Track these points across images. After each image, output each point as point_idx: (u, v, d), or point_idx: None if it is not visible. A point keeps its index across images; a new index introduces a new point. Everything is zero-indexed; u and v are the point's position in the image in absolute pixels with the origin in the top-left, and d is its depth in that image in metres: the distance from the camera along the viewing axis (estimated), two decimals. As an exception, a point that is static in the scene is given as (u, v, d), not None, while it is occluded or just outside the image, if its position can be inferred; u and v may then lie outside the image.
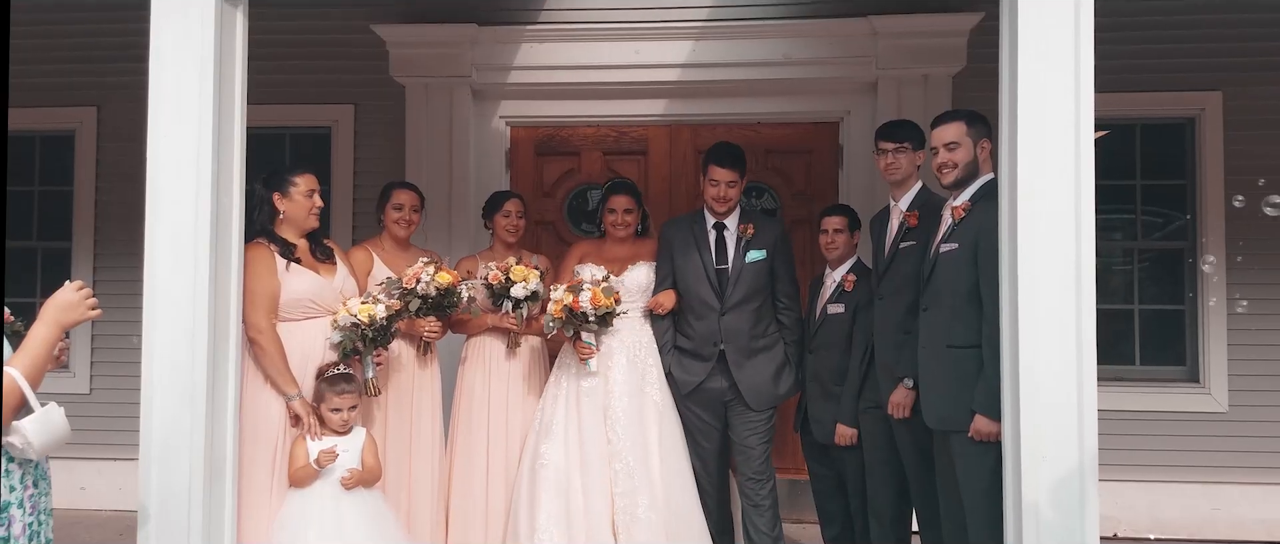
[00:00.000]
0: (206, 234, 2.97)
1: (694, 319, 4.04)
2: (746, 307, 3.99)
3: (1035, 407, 2.92)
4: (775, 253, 4.04)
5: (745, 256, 4.00)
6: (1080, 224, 2.91)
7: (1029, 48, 2.95)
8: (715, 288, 4.00)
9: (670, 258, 4.11)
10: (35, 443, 2.30)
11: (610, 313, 3.85)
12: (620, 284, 4.03)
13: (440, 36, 5.31)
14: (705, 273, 4.01)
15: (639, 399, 3.98)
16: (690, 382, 4.03)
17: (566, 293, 3.83)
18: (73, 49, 5.68)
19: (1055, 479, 2.94)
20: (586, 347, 3.90)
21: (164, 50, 3.03)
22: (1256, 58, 5.22)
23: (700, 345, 4.02)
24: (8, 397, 2.20)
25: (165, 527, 2.96)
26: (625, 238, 4.19)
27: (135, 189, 5.56)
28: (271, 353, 3.39)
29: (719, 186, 3.99)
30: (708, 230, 4.08)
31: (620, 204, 4.16)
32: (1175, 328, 5.41)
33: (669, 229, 4.19)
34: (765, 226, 4.11)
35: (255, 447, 3.34)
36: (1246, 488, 5.19)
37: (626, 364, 4.01)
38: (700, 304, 4.02)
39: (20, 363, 2.26)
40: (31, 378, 2.26)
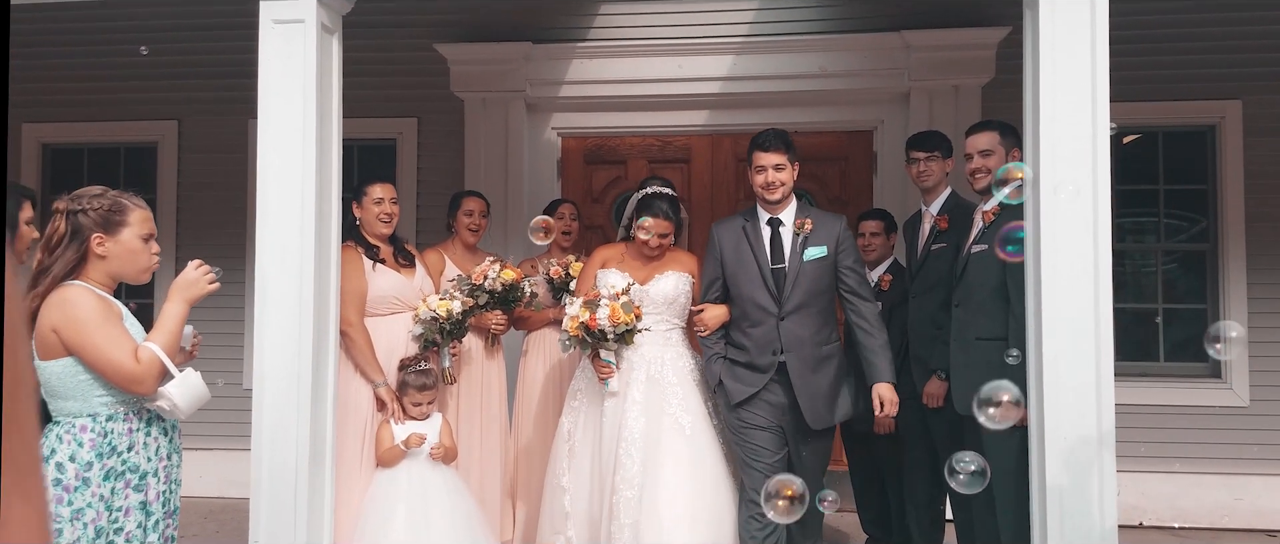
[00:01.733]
0: (310, 242, 3.34)
1: (749, 326, 3.61)
2: (808, 310, 3.57)
3: (1057, 392, 3.19)
4: (839, 249, 3.63)
5: (804, 254, 3.58)
6: (1098, 224, 3.18)
7: (1048, 61, 3.23)
8: (772, 290, 3.57)
9: (719, 261, 3.69)
10: (181, 404, 2.58)
11: (631, 329, 3.57)
12: (645, 294, 3.72)
13: (497, 54, 5.68)
14: (760, 274, 3.59)
15: (659, 422, 3.62)
16: (742, 391, 3.59)
17: (583, 308, 3.58)
18: (155, 67, 6.09)
19: (1075, 460, 3.21)
20: (605, 366, 3.65)
21: (271, 77, 3.39)
22: (1274, 68, 5.44)
23: (756, 355, 3.58)
24: (151, 367, 2.50)
25: (275, 503, 3.33)
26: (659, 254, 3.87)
27: (213, 197, 6.06)
28: (361, 345, 3.76)
29: (766, 171, 3.60)
30: (762, 227, 3.66)
31: (655, 230, 3.78)
32: (1198, 326, 5.64)
33: (719, 229, 3.76)
34: (825, 222, 3.68)
35: (345, 430, 3.71)
36: (1267, 479, 5.40)
37: (646, 381, 3.68)
38: (756, 309, 3.59)
39: (158, 339, 2.56)
40: (168, 350, 2.56)
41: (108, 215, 2.58)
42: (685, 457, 3.59)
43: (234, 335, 5.83)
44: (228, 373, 5.55)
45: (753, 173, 3.66)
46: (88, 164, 6.40)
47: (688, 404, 3.67)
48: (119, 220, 2.59)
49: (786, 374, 3.55)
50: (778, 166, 3.61)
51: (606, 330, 3.54)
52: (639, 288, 3.70)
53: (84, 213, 2.56)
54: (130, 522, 2.57)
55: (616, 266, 3.81)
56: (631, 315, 3.55)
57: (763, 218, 3.69)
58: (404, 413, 3.80)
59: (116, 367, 2.47)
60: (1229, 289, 5.47)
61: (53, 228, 2.59)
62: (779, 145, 3.61)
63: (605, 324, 3.52)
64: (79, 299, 2.51)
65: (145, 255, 2.63)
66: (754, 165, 3.66)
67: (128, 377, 2.48)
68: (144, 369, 2.49)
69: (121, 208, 2.61)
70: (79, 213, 2.57)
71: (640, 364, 3.69)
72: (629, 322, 3.54)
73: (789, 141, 3.64)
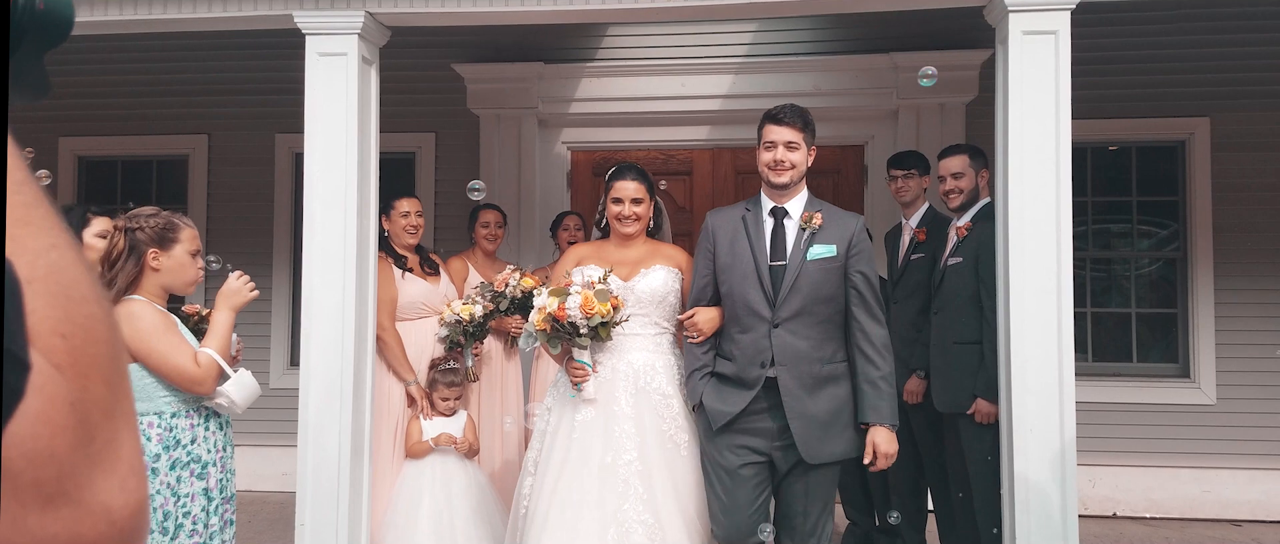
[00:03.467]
0: (352, 254, 3.70)
1: (738, 332, 3.09)
2: (808, 318, 3.03)
3: (1025, 390, 3.55)
4: (851, 253, 3.07)
5: (807, 251, 3.05)
6: (1060, 237, 3.54)
7: (1017, 92, 3.58)
8: (766, 290, 3.04)
9: (711, 256, 3.17)
10: (237, 400, 2.90)
11: (606, 323, 3.08)
12: (629, 292, 3.23)
13: (511, 73, 6.04)
14: (755, 270, 3.06)
15: (645, 441, 3.14)
16: (724, 413, 3.03)
17: (551, 297, 3.11)
18: (187, 83, 6.45)
19: (1041, 450, 3.57)
20: (579, 368, 3.16)
21: (316, 104, 3.74)
22: (1239, 88, 5.79)
23: (743, 367, 3.05)
24: (210, 370, 2.82)
25: (319, 491, 3.69)
26: (635, 235, 3.35)
27: (241, 208, 6.40)
28: (393, 347, 4.11)
29: (775, 148, 3.06)
30: (763, 218, 3.14)
31: (628, 191, 3.30)
32: (1168, 329, 6.00)
33: (714, 218, 3.25)
34: (838, 219, 3.13)
35: (380, 424, 4.06)
36: (1233, 472, 5.75)
37: (633, 394, 3.17)
38: (747, 312, 3.06)
39: (212, 344, 2.87)
40: (221, 354, 2.87)
41: (162, 233, 2.87)
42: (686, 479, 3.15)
43: (261, 338, 6.17)
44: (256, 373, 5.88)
45: (761, 150, 3.13)
46: (121, 176, 6.75)
47: (684, 420, 3.20)
48: (172, 237, 2.88)
49: (777, 394, 3.00)
50: (790, 145, 3.07)
51: (578, 323, 3.05)
52: (621, 284, 3.22)
53: (141, 230, 2.85)
54: (195, 506, 2.88)
55: (594, 264, 3.30)
56: (608, 306, 3.05)
57: (765, 206, 3.16)
58: (433, 408, 4.16)
59: (180, 371, 2.78)
60: (1197, 294, 5.82)
61: (112, 243, 2.90)
62: (795, 120, 3.07)
63: (576, 315, 3.04)
64: (141, 313, 2.80)
65: (193, 269, 2.92)
66: (763, 140, 3.13)
67: (190, 379, 2.79)
68: (204, 371, 2.80)
69: (174, 226, 2.90)
70: (136, 230, 2.85)
71: (625, 372, 3.19)
72: (604, 313, 3.04)
73: (808, 119, 3.10)
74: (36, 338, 0.50)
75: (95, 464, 0.51)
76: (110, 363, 0.54)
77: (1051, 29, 3.49)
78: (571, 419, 3.20)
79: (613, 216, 3.34)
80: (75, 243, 0.55)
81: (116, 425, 0.53)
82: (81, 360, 0.51)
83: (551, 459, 3.19)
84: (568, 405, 3.23)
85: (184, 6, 3.84)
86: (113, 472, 0.52)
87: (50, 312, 0.51)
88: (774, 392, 3.02)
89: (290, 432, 5.52)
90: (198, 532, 2.87)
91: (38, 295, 0.50)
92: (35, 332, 0.50)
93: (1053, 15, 3.48)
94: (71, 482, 0.50)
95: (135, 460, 0.55)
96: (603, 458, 3.11)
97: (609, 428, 3.14)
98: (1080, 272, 6.02)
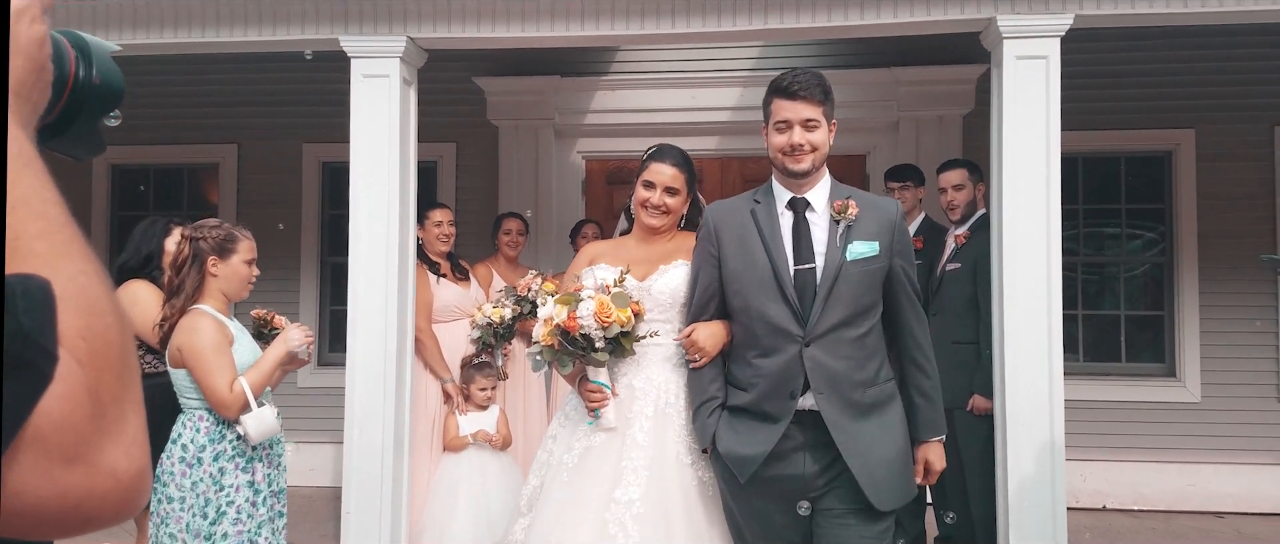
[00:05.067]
0: (394, 261, 3.98)
1: (757, 355, 2.51)
2: (846, 332, 2.46)
3: (1017, 386, 3.83)
4: (894, 251, 2.53)
5: (845, 251, 2.47)
6: (1050, 247, 3.83)
7: (1011, 110, 3.87)
8: (793, 303, 2.46)
9: (716, 262, 2.59)
10: (252, 433, 3.04)
11: (627, 333, 2.56)
12: (645, 293, 2.69)
13: (529, 86, 6.32)
14: (775, 277, 2.48)
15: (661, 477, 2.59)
16: (749, 458, 2.45)
17: (558, 305, 2.59)
18: (217, 94, 6.72)
19: (1032, 442, 3.86)
20: (596, 391, 2.63)
21: (361, 121, 4.03)
22: (1222, 103, 6.09)
23: (765, 396, 2.48)
24: (237, 400, 3.00)
25: (364, 480, 3.97)
26: (662, 231, 2.81)
27: (269, 214, 6.67)
28: (430, 347, 4.40)
29: (790, 129, 2.49)
30: (778, 211, 2.56)
31: (663, 177, 2.75)
32: (1156, 330, 6.29)
33: (717, 215, 2.65)
34: (875, 206, 2.56)
35: (417, 419, 4.35)
36: (1216, 466, 6.04)
37: (654, 417, 2.65)
38: (769, 330, 2.49)
39: (252, 376, 3.04)
40: (256, 388, 3.04)
41: (222, 243, 3.11)
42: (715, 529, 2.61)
43: (289, 339, 6.44)
44: (286, 373, 6.19)
45: (771, 131, 2.57)
46: (153, 184, 7.02)
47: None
48: (231, 247, 3.12)
49: (810, 428, 2.46)
50: (809, 123, 2.50)
51: (592, 334, 2.53)
52: (636, 284, 2.68)
53: (203, 240, 3.10)
54: (239, 496, 3.08)
55: (608, 263, 2.79)
56: (627, 312, 2.55)
57: (780, 197, 2.57)
58: (469, 399, 4.43)
59: (213, 391, 2.98)
60: (1183, 298, 6.12)
61: (179, 250, 3.18)
62: (813, 92, 2.50)
63: (590, 325, 2.52)
64: (201, 328, 3.02)
65: (248, 276, 3.17)
66: (773, 119, 2.55)
67: (218, 402, 3.00)
68: (233, 400, 3.00)
69: (233, 237, 3.15)
70: (200, 239, 3.10)
71: (646, 390, 2.68)
72: (624, 321, 2.54)
73: (827, 89, 2.54)
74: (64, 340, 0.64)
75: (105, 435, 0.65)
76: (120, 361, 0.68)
77: (1043, 54, 3.78)
78: (581, 447, 2.66)
79: (639, 203, 2.77)
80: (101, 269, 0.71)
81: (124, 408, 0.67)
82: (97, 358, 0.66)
83: (550, 497, 2.65)
84: (577, 434, 2.69)
85: (235, 30, 4.12)
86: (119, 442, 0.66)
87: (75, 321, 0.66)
88: (809, 426, 2.44)
89: (318, 429, 5.84)
90: (242, 521, 3.06)
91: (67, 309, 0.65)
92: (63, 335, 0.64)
93: (1044, 42, 3.77)
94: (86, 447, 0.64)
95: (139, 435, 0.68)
96: (610, 492, 2.56)
97: (621, 459, 2.59)
98: (1072, 275, 6.32)
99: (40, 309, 0.63)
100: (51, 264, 0.66)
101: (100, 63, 0.89)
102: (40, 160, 0.71)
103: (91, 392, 0.64)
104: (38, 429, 0.61)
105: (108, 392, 0.66)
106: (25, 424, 0.61)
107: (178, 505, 3.04)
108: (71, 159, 0.91)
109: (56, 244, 0.68)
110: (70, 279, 0.66)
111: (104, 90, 0.88)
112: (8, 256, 0.65)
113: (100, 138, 0.91)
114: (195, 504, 3.04)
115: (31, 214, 0.68)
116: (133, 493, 0.67)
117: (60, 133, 0.86)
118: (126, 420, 0.67)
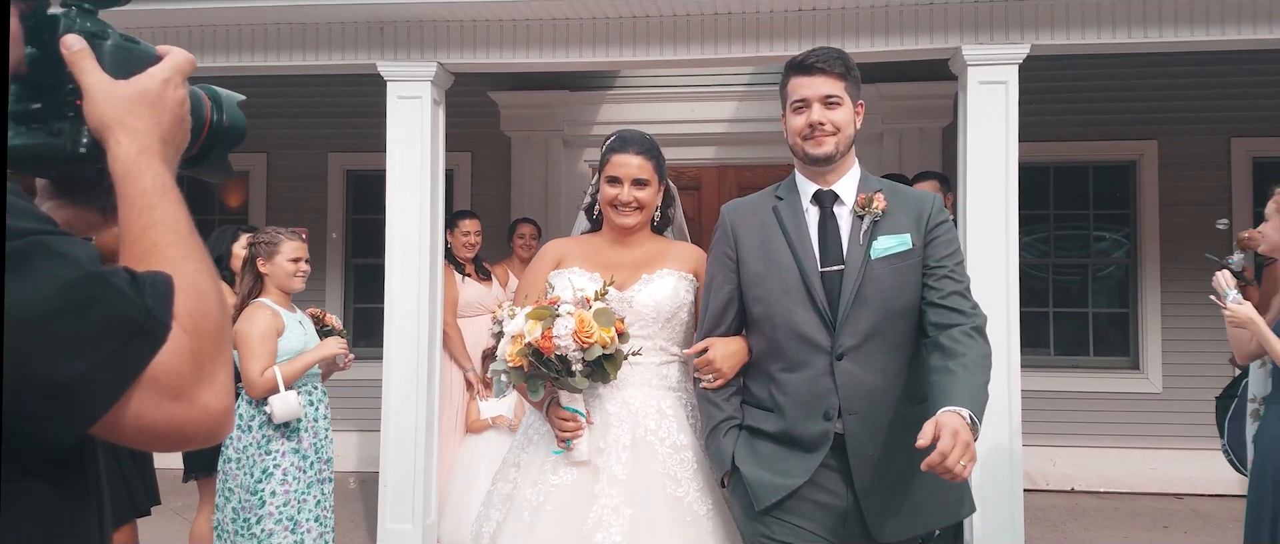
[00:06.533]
0: (426, 264, 4.46)
1: (782, 370, 2.24)
2: (880, 341, 2.18)
3: (980, 375, 4.29)
4: (929, 237, 2.24)
5: (870, 248, 2.21)
6: (1008, 249, 4.30)
7: (975, 126, 4.35)
8: (821, 309, 2.20)
9: (733, 265, 2.32)
10: (276, 413, 3.50)
11: (610, 356, 2.22)
12: (626, 305, 2.39)
13: (539, 100, 6.81)
14: (801, 281, 2.22)
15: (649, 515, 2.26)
16: (779, 487, 2.17)
17: (531, 321, 2.22)
18: (246, 107, 7.16)
19: (992, 428, 4.31)
20: (569, 418, 2.30)
21: (396, 137, 4.51)
22: (1183, 115, 6.58)
23: (798, 420, 2.20)
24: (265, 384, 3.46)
25: (400, 460, 4.45)
26: (635, 230, 2.49)
27: (297, 219, 7.14)
28: (455, 339, 4.89)
29: (809, 108, 2.24)
30: (803, 207, 2.30)
31: (629, 168, 2.46)
32: (1121, 326, 6.78)
33: (734, 214, 2.39)
34: (905, 197, 2.29)
35: (443, 405, 4.83)
36: (1177, 452, 6.52)
37: (631, 448, 2.33)
38: (795, 340, 2.22)
39: (287, 367, 3.52)
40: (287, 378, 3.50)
41: (268, 246, 3.65)
42: None
43: (315, 335, 6.93)
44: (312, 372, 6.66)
45: (788, 113, 2.31)
46: (186, 190, 7.45)
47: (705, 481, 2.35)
48: (274, 249, 3.65)
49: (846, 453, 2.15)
50: (829, 100, 2.23)
51: (569, 356, 2.18)
52: (616, 294, 2.35)
53: (255, 245, 3.69)
54: (285, 461, 3.55)
55: (579, 266, 2.46)
56: (611, 331, 2.21)
57: (805, 191, 2.32)
58: (489, 387, 4.91)
59: (245, 373, 3.45)
60: (1146, 296, 6.60)
61: (243, 255, 3.74)
62: (832, 65, 2.24)
63: (567, 346, 2.18)
64: (255, 318, 3.52)
65: (292, 271, 3.65)
66: (790, 100, 2.29)
67: (247, 382, 3.47)
68: (260, 383, 3.47)
69: (276, 241, 3.67)
70: (253, 245, 3.70)
71: (622, 416, 2.36)
72: (607, 341, 2.20)
73: (849, 65, 2.28)
74: (177, 317, 0.88)
75: (201, 383, 0.88)
76: (216, 333, 0.91)
77: (1002, 79, 4.26)
78: (548, 485, 2.30)
79: (606, 202, 2.46)
80: (212, 270, 0.95)
81: (216, 365, 0.90)
82: (199, 329, 0.89)
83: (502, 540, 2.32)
84: (544, 466, 2.34)
85: (282, 55, 4.61)
86: (211, 388, 0.89)
87: (187, 304, 0.89)
88: (842, 449, 2.15)
89: (344, 418, 6.32)
90: (288, 482, 3.53)
91: (182, 296, 0.89)
92: (177, 313, 0.88)
93: (1004, 68, 4.26)
94: (188, 390, 0.87)
95: (227, 385, 0.91)
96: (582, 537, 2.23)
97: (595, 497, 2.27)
98: (1044, 275, 6.82)
99: (162, 295, 0.87)
100: (176, 264, 0.91)
101: (229, 109, 1.13)
102: (177, 189, 0.96)
103: (194, 353, 0.88)
104: (153, 375, 0.85)
105: (206, 354, 0.89)
106: (144, 371, 0.84)
107: (233, 465, 3.57)
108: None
109: (183, 251, 0.93)
110: (187, 276, 0.91)
111: (231, 131, 1.12)
112: (151, 259, 0.91)
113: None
114: (246, 464, 3.55)
115: (168, 229, 0.93)
116: (219, 423, 0.91)
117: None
118: (217, 374, 0.91)
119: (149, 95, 0.98)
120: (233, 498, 3.53)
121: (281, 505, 3.52)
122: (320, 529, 3.63)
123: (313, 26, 4.52)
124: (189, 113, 1.03)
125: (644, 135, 2.59)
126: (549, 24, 4.46)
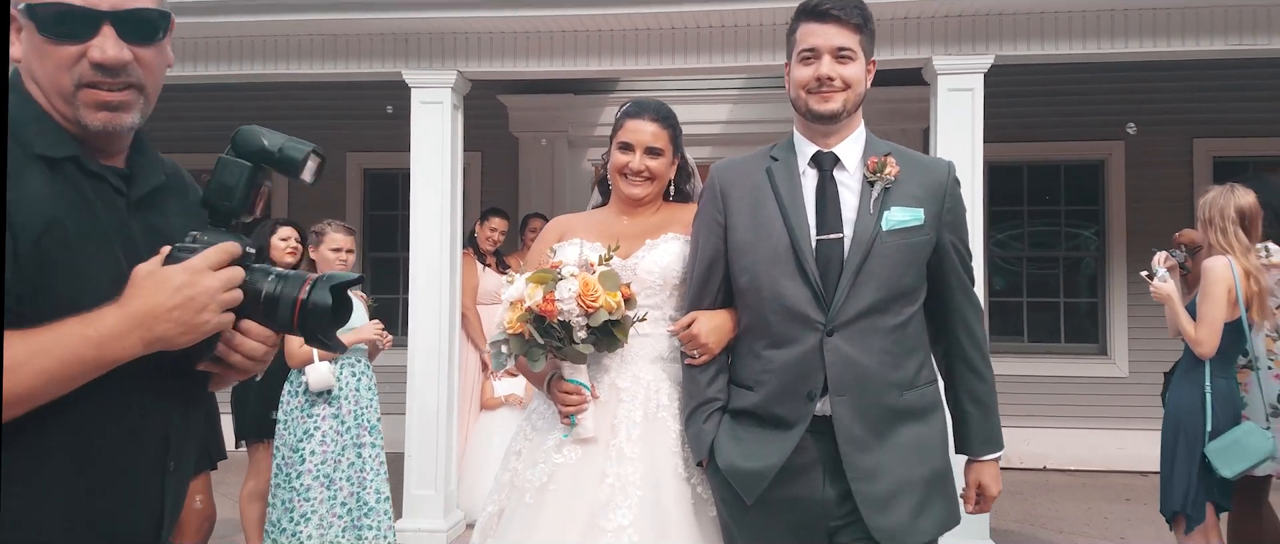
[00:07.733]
0: (448, 254, 4.90)
1: (767, 346, 2.08)
2: (877, 320, 2.01)
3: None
4: (943, 221, 2.08)
5: (881, 218, 2.02)
6: (976, 243, 4.74)
7: (945, 128, 4.76)
8: (813, 280, 2.01)
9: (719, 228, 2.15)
10: (311, 382, 3.97)
11: (617, 322, 2.11)
12: (630, 273, 2.25)
13: (546, 103, 7.25)
14: (792, 249, 2.03)
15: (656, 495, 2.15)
16: (756, 474, 2.03)
17: (531, 284, 2.12)
18: (269, 111, 7.61)
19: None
20: (573, 392, 2.18)
21: (420, 139, 4.94)
22: (1149, 117, 7.01)
23: (777, 398, 2.05)
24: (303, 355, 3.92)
25: (423, 435, 4.89)
26: (646, 201, 2.40)
27: (318, 215, 7.53)
28: (473, 323, 5.34)
29: (819, 58, 2.04)
30: (798, 169, 2.11)
31: (642, 135, 2.36)
32: (1090, 315, 7.24)
33: (724, 174, 2.20)
34: (919, 167, 2.11)
35: (461, 383, 5.27)
36: (1143, 433, 6.86)
37: (643, 422, 2.22)
38: (782, 314, 2.04)
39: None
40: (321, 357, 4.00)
41: (316, 236, 4.20)
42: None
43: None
44: (334, 353, 7.12)
45: (795, 66, 2.12)
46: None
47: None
48: (320, 238, 4.18)
49: (830, 439, 2.00)
50: (842, 52, 2.04)
51: (573, 322, 2.08)
52: (620, 262, 2.23)
53: (309, 234, 4.22)
54: (325, 425, 4.00)
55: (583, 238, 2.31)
56: (617, 296, 2.10)
57: (804, 152, 2.13)
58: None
59: (287, 344, 3.89)
60: (1113, 287, 7.06)
61: (281, 245, 4.22)
62: (850, 14, 2.05)
63: (571, 310, 2.07)
64: None
65: (335, 259, 4.11)
66: (798, 50, 2.10)
67: (288, 352, 3.94)
68: (299, 353, 3.95)
69: (322, 232, 4.19)
70: (307, 234, 4.22)
71: (635, 390, 2.24)
72: (613, 307, 2.09)
73: (867, 17, 2.09)
74: None
75: None
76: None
77: (969, 87, 4.70)
78: (551, 463, 2.19)
79: (615, 170, 2.37)
80: None
81: None
82: None
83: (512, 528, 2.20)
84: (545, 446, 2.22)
85: (314, 64, 5.05)
86: None
87: None
88: (828, 437, 1.99)
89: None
90: (325, 444, 3.98)
91: None
92: None
93: (970, 77, 4.70)
94: None
95: None
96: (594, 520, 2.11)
97: (603, 476, 2.15)
98: (1017, 267, 7.27)
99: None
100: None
101: (317, 291, 1.26)
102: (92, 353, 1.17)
103: None
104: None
105: None
106: None
107: (281, 425, 4.05)
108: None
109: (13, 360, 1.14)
110: None
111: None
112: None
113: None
114: (291, 425, 4.02)
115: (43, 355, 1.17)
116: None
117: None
118: None
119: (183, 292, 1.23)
120: (278, 455, 3.99)
121: (319, 464, 3.97)
122: (351, 487, 4.07)
123: (343, 38, 4.96)
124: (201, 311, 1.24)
125: (661, 103, 2.45)
126: (559, 36, 4.90)
